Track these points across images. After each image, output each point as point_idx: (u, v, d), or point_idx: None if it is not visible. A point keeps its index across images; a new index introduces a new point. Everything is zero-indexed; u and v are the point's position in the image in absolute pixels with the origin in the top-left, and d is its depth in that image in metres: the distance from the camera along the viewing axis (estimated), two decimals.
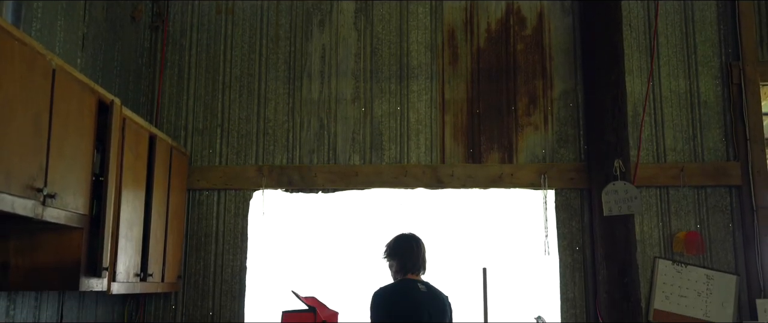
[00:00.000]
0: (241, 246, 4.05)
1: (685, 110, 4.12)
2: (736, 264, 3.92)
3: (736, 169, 3.98)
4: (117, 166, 2.94)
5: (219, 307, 3.99)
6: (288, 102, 4.22)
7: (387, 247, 3.16)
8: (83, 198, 2.61)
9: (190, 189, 4.08)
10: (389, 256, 3.14)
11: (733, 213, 3.97)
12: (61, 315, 3.10)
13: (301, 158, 4.15)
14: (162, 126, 4.16)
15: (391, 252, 3.14)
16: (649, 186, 4.01)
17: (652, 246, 3.98)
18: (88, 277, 2.67)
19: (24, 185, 2.16)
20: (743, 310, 3.85)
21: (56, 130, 2.37)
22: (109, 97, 2.85)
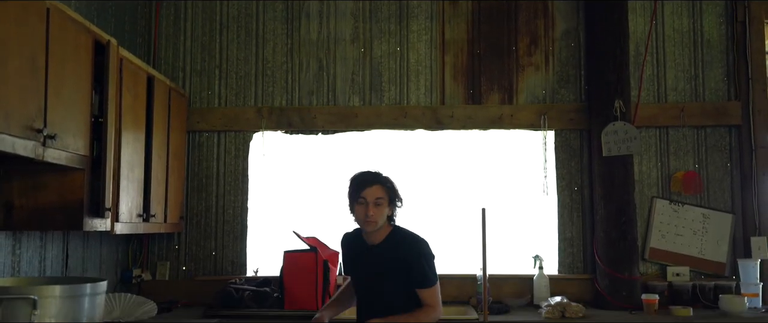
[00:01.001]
0: (242, 187, 4.08)
1: (688, 49, 4.08)
2: (732, 203, 3.96)
3: (736, 109, 3.97)
4: (116, 107, 2.94)
5: (221, 247, 4.06)
6: (286, 43, 4.17)
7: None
8: (83, 139, 2.62)
9: (189, 131, 4.08)
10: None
11: (732, 153, 3.99)
12: (67, 254, 3.15)
13: (301, 100, 4.14)
14: (159, 67, 4.13)
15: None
16: (649, 127, 4.02)
17: (650, 186, 4.01)
18: (91, 217, 2.70)
19: (24, 125, 2.16)
20: (737, 248, 3.92)
21: (53, 71, 2.35)
22: (105, 37, 2.82)
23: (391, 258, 2.60)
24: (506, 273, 3.97)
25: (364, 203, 2.56)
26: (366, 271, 2.67)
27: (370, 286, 2.67)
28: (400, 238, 2.64)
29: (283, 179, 4.17)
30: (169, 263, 4.03)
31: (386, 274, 2.60)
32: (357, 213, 2.59)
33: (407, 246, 2.61)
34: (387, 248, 2.63)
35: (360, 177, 2.62)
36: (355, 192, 2.59)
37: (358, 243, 2.71)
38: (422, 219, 3.81)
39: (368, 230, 2.60)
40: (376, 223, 2.58)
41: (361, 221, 2.58)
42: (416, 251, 2.60)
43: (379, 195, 2.57)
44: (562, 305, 3.48)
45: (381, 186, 2.59)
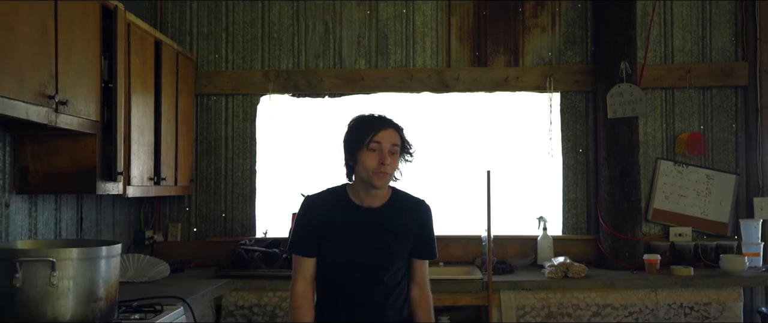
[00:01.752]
0: (251, 150, 4.14)
1: (696, 9, 4.05)
2: (736, 164, 3.99)
3: (743, 69, 3.96)
4: (125, 72, 2.97)
5: (231, 209, 4.13)
6: (292, 5, 4.17)
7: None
8: (94, 104, 2.66)
9: (198, 94, 4.12)
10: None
11: (738, 114, 4.00)
12: (81, 216, 3.23)
13: (307, 63, 4.15)
14: (166, 31, 4.14)
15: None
16: (655, 88, 4.02)
17: (655, 147, 4.03)
18: (104, 181, 2.76)
19: (36, 92, 2.21)
20: (740, 208, 3.96)
21: (63, 37, 2.38)
22: (112, 2, 2.84)
23: (402, 224, 2.17)
24: (511, 234, 4.04)
25: (378, 149, 2.06)
26: (366, 243, 2.15)
27: (370, 263, 2.15)
28: (407, 200, 2.24)
29: (290, 141, 4.22)
30: (181, 224, 4.12)
31: (395, 245, 2.16)
32: (366, 163, 2.06)
33: (417, 208, 2.23)
34: (394, 212, 2.17)
35: (372, 118, 2.13)
36: (364, 135, 2.07)
37: (345, 207, 2.17)
38: (429, 181, 3.86)
39: (378, 186, 2.09)
40: (390, 176, 2.10)
41: (371, 173, 2.06)
42: (429, 215, 2.25)
43: (395, 142, 2.09)
44: (565, 265, 3.55)
45: (396, 132, 2.12)
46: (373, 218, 2.17)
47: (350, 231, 2.15)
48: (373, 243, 2.16)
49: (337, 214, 2.16)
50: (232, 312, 3.49)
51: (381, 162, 2.05)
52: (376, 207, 2.18)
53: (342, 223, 2.16)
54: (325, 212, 2.18)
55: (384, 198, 2.19)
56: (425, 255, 2.26)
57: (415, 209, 2.23)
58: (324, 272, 2.21)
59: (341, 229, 2.15)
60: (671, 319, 3.44)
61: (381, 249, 2.16)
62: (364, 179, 2.11)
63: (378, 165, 2.05)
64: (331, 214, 2.17)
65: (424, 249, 2.25)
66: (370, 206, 2.18)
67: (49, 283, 1.95)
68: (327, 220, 2.16)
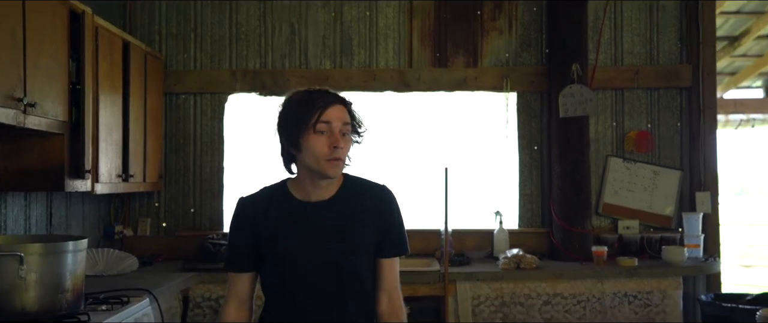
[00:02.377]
0: (218, 147, 4.27)
1: (644, 14, 4.26)
2: (681, 161, 4.21)
3: (687, 71, 4.18)
4: (93, 74, 3.09)
5: (200, 204, 4.27)
6: (259, 7, 4.30)
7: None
8: (62, 106, 2.78)
9: (167, 93, 4.24)
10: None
11: (682, 113, 4.22)
12: (50, 212, 3.35)
13: (274, 63, 4.29)
14: (136, 31, 4.25)
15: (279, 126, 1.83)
16: (606, 88, 4.23)
17: (606, 145, 4.24)
18: (72, 179, 2.89)
19: (5, 95, 2.33)
20: (684, 202, 4.19)
21: (31, 43, 2.50)
22: (80, 7, 2.95)
23: (360, 217, 1.78)
24: (469, 228, 4.23)
25: (328, 131, 1.70)
26: (316, 246, 1.75)
27: (325, 271, 1.75)
28: (363, 186, 1.84)
29: (257, 139, 4.36)
30: (150, 219, 4.24)
31: (353, 244, 1.77)
32: (315, 148, 1.70)
33: (377, 195, 1.82)
34: (348, 203, 1.79)
35: (315, 94, 1.75)
36: (308, 115, 1.70)
37: (287, 204, 1.79)
38: (391, 177, 4.03)
39: (332, 175, 1.73)
40: (343, 162, 1.75)
41: (322, 161, 1.70)
42: (392, 201, 1.84)
43: (346, 120, 1.74)
44: (518, 257, 3.74)
45: (345, 108, 1.75)
46: (323, 213, 1.76)
47: (294, 234, 1.75)
48: (326, 245, 1.74)
49: (276, 215, 1.77)
50: (199, 303, 3.64)
51: (333, 146, 1.68)
52: (325, 200, 1.78)
53: (284, 225, 1.76)
54: (261, 214, 1.78)
55: (334, 188, 1.80)
56: (392, 250, 1.82)
57: (375, 197, 1.82)
58: (269, 289, 1.81)
59: (283, 232, 1.75)
60: (616, 307, 3.65)
61: (336, 251, 1.75)
62: (312, 169, 1.73)
63: (330, 150, 1.68)
64: (269, 216, 1.77)
65: (390, 244, 1.81)
66: (319, 200, 1.77)
67: (18, 276, 2.09)
68: (264, 224, 1.77)
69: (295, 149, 1.76)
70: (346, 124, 1.74)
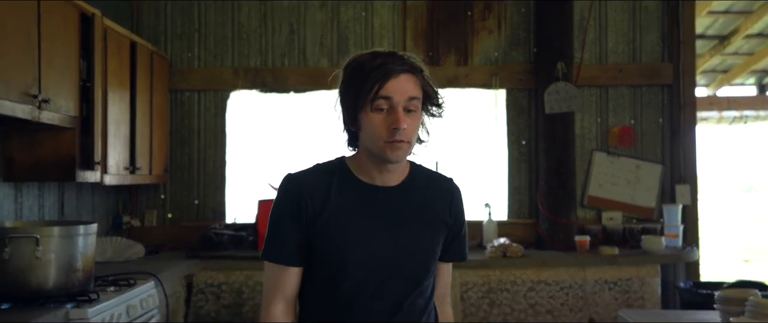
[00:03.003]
0: (221, 142, 4.48)
1: (628, 14, 4.44)
2: (662, 155, 4.39)
3: (668, 70, 4.36)
4: (101, 72, 3.30)
5: (203, 196, 4.48)
6: (260, 8, 4.50)
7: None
8: (73, 102, 3.00)
9: (172, 90, 4.45)
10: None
11: (664, 109, 4.40)
12: (62, 203, 3.57)
13: (274, 61, 4.50)
14: (142, 32, 4.46)
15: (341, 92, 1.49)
16: (591, 86, 4.41)
17: (591, 140, 4.43)
18: (82, 170, 3.10)
19: (21, 92, 2.54)
20: (665, 194, 4.37)
21: (45, 43, 2.72)
22: (90, 10, 3.16)
23: (434, 211, 1.53)
24: None
25: (389, 108, 1.40)
26: (385, 238, 1.47)
27: (397, 270, 1.47)
28: (433, 177, 1.60)
29: (258, 134, 4.57)
30: (156, 211, 4.46)
31: (431, 240, 1.52)
32: (373, 129, 1.41)
33: (449, 189, 1.58)
34: (419, 193, 1.53)
35: (377, 60, 1.42)
36: (365, 88, 1.39)
37: (350, 186, 1.50)
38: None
39: (394, 160, 1.43)
40: (410, 145, 1.45)
41: (382, 143, 1.42)
42: (461, 200, 1.61)
43: (413, 93, 1.42)
44: (504, 246, 3.94)
45: (414, 77, 1.44)
46: (394, 201, 1.50)
47: (360, 222, 1.46)
48: (402, 239, 1.47)
49: (337, 199, 1.47)
50: (202, 289, 3.85)
51: (393, 127, 1.39)
52: (393, 186, 1.51)
53: (347, 211, 1.47)
54: (317, 197, 1.46)
55: (402, 174, 1.53)
56: (455, 254, 1.60)
57: (447, 190, 1.58)
58: (318, 289, 1.50)
59: (346, 220, 1.46)
60: (597, 293, 3.84)
61: (414, 246, 1.49)
62: (371, 151, 1.46)
63: (389, 132, 1.39)
64: (328, 200, 1.47)
65: (456, 248, 1.59)
66: (386, 185, 1.51)
67: (34, 256, 2.30)
68: (320, 209, 1.46)
69: (353, 125, 1.46)
70: (412, 99, 1.41)
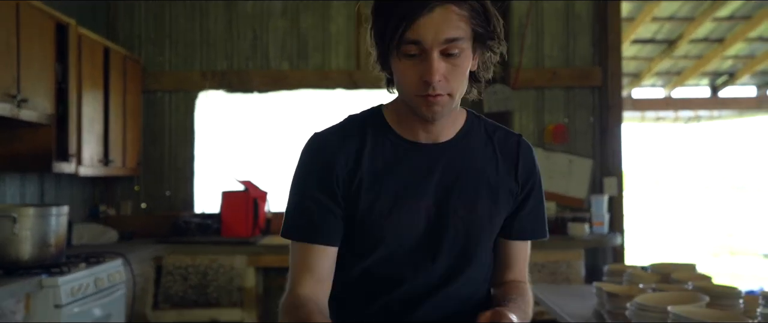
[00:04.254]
0: (190, 138, 4.88)
1: (562, 22, 4.86)
2: (593, 150, 4.82)
3: (598, 73, 4.79)
4: (76, 75, 3.69)
5: (175, 188, 4.87)
6: (226, 15, 4.90)
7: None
8: (49, 101, 3.39)
9: (145, 91, 4.84)
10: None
11: (594, 109, 4.83)
12: (42, 192, 3.96)
13: (239, 64, 4.90)
14: (117, 37, 4.85)
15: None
16: (528, 87, 4.83)
17: (529, 137, 4.84)
18: (58, 162, 3.50)
19: (2, 92, 2.93)
20: (595, 186, 4.79)
21: (24, 50, 3.11)
22: (65, 20, 3.56)
23: (492, 168, 1.25)
24: None
25: (419, 52, 1.12)
26: (432, 204, 1.22)
27: (448, 242, 1.22)
28: (496, 131, 1.30)
29: (224, 132, 4.97)
30: (131, 201, 4.85)
31: (491, 208, 1.24)
32: (401, 78, 1.18)
33: (517, 147, 1.29)
34: (477, 149, 1.26)
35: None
36: (393, 26, 1.11)
37: (388, 141, 1.25)
38: None
39: (429, 117, 1.17)
40: (450, 99, 1.16)
41: (413, 94, 1.17)
42: (534, 157, 1.31)
43: (452, 33, 1.11)
44: None
45: (456, 8, 1.10)
46: (443, 161, 1.23)
47: (401, 187, 1.21)
48: (449, 209, 1.22)
49: (372, 158, 1.23)
50: (171, 271, 4.25)
51: (425, 81, 1.12)
52: (441, 143, 1.25)
53: (384, 174, 1.22)
54: (352, 157, 1.23)
55: (455, 126, 1.26)
56: (529, 230, 1.30)
57: (513, 149, 1.28)
58: (344, 267, 1.24)
59: (383, 185, 1.21)
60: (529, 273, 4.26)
61: (464, 218, 1.22)
62: (407, 103, 1.22)
63: (422, 85, 1.13)
64: (361, 160, 1.22)
65: (530, 220, 1.29)
66: (432, 142, 1.25)
67: (12, 232, 2.70)
68: (354, 173, 1.21)
69: (385, 70, 1.24)
70: (451, 40, 1.10)
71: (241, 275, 4.25)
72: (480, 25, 1.14)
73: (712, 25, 6.92)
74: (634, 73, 8.33)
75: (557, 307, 2.72)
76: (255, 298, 4.30)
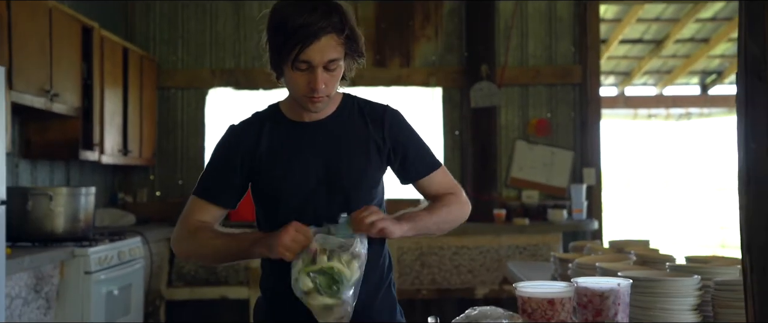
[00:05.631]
0: (201, 131, 5.29)
1: (545, 24, 5.24)
2: (573, 143, 5.19)
3: (579, 71, 5.17)
4: (99, 73, 4.11)
5: (186, 177, 5.29)
6: (234, 18, 5.31)
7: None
8: (77, 96, 3.80)
9: (160, 88, 5.26)
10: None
11: (575, 105, 5.20)
12: (68, 179, 4.38)
13: (246, 63, 5.31)
14: (135, 37, 5.26)
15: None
16: (513, 85, 5.21)
17: (513, 130, 5.23)
18: (84, 150, 3.91)
19: (38, 88, 3.35)
20: (576, 176, 5.17)
21: (55, 51, 3.52)
22: (89, 23, 3.97)
23: (364, 136, 1.60)
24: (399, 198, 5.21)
25: (307, 70, 1.47)
26: (316, 169, 1.56)
27: (327, 198, 1.56)
28: (365, 105, 1.66)
29: None
30: (146, 189, 5.27)
31: (358, 162, 1.58)
32: (294, 85, 1.50)
33: (382, 115, 1.64)
34: (348, 121, 1.61)
35: (298, 19, 1.43)
36: (287, 48, 1.45)
37: (280, 126, 1.61)
38: None
39: (314, 110, 1.54)
40: (328, 99, 1.53)
41: (301, 97, 1.51)
42: (402, 119, 1.69)
43: (333, 55, 1.47)
44: None
45: (335, 35, 1.46)
46: (324, 131, 1.59)
47: (289, 157, 1.57)
48: (334, 164, 1.56)
49: (268, 138, 1.59)
50: None
51: (314, 87, 1.46)
52: (321, 120, 1.60)
53: (276, 148, 1.58)
54: (253, 140, 1.59)
55: (332, 107, 1.62)
56: (419, 169, 1.66)
57: (379, 115, 1.64)
58: (262, 223, 1.63)
59: (277, 157, 1.57)
60: (510, 256, 4.65)
61: (346, 169, 1.56)
62: (295, 99, 1.56)
63: (309, 90, 1.47)
64: (262, 141, 1.59)
65: (419, 161, 1.66)
66: (314, 120, 1.60)
67: (49, 208, 3.11)
68: (256, 150, 1.58)
69: (277, 73, 1.56)
70: (332, 60, 1.46)
71: None
72: (351, 47, 1.51)
73: (696, 26, 7.26)
74: (625, 72, 8.67)
75: (524, 277, 3.10)
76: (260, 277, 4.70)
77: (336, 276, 1.36)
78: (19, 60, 3.16)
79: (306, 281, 1.37)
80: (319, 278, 1.37)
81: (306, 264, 1.37)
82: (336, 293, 1.36)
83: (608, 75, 8.72)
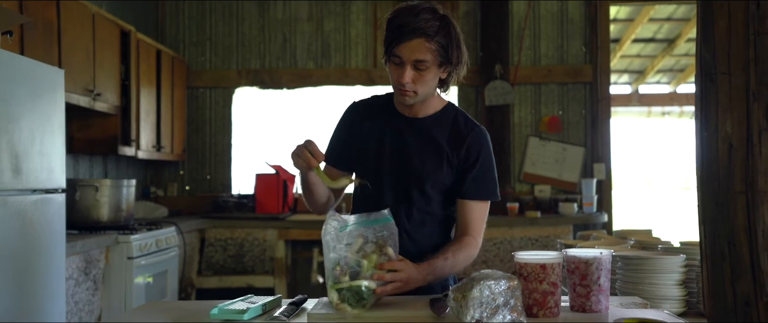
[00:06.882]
0: (228, 128, 5.57)
1: (557, 25, 5.44)
2: (584, 139, 5.39)
3: (589, 70, 5.36)
4: (136, 74, 4.39)
5: (214, 172, 5.57)
6: (259, 20, 5.58)
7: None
8: (116, 95, 4.09)
9: (189, 87, 5.54)
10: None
11: (585, 103, 5.40)
12: (105, 173, 4.67)
13: (270, 64, 5.57)
14: (166, 40, 5.55)
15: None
16: (526, 83, 5.42)
17: (526, 127, 5.44)
18: (122, 146, 4.20)
19: (83, 88, 3.63)
20: (586, 171, 5.37)
21: (98, 53, 3.81)
22: (127, 27, 4.26)
23: (443, 140, 1.80)
24: None
25: (399, 63, 1.70)
26: (397, 151, 1.82)
27: (400, 175, 1.81)
28: (461, 119, 1.85)
29: (257, 123, 5.65)
30: (176, 184, 5.55)
31: (430, 159, 1.79)
32: (390, 74, 1.75)
33: (470, 131, 1.82)
34: (438, 126, 1.83)
35: (400, 19, 1.68)
36: (387, 42, 1.72)
37: (386, 112, 1.87)
38: None
39: (403, 103, 1.79)
40: (415, 95, 1.73)
41: (395, 87, 1.76)
42: (485, 143, 1.84)
43: (421, 56, 1.67)
44: None
45: (425, 41, 1.66)
46: (413, 129, 1.82)
47: (381, 136, 1.83)
48: (406, 159, 1.80)
49: (376, 119, 1.86)
50: (212, 242, 4.94)
51: (400, 80, 1.69)
52: (419, 117, 1.83)
53: (374, 131, 1.85)
54: (365, 116, 1.89)
55: (430, 109, 1.84)
56: (476, 192, 1.81)
57: (463, 134, 1.81)
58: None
59: (371, 137, 1.84)
60: (522, 247, 4.86)
61: (414, 167, 1.79)
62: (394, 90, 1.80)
63: (397, 82, 1.72)
64: (371, 119, 1.87)
65: (475, 185, 1.81)
66: (414, 117, 1.83)
67: (95, 199, 3.39)
68: (364, 125, 1.87)
69: (386, 65, 1.77)
70: (420, 61, 1.67)
71: (272, 247, 4.92)
72: (441, 55, 1.69)
73: None
74: (639, 71, 8.83)
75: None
76: (284, 267, 4.96)
77: (363, 295, 1.49)
78: (68, 62, 3.44)
79: (334, 295, 1.49)
80: (347, 294, 1.48)
81: (333, 281, 1.50)
82: (364, 306, 1.49)
83: (622, 74, 8.89)
